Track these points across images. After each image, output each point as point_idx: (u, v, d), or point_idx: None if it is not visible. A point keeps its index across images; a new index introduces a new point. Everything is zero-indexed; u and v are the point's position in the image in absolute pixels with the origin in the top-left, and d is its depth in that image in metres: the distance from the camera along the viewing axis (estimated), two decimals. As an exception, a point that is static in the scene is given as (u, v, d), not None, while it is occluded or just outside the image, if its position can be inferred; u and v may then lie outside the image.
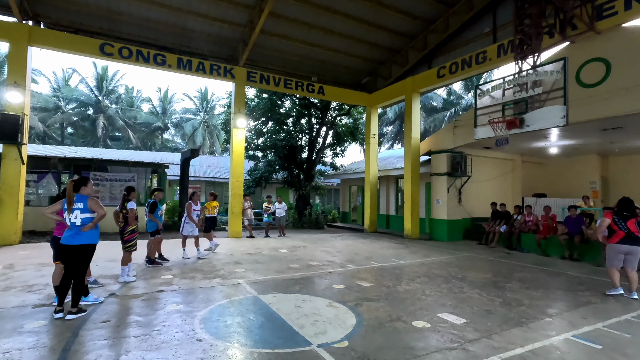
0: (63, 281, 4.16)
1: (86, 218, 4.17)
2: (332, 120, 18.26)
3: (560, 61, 6.23)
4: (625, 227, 5.34)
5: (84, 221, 4.14)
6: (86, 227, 4.13)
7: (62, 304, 4.12)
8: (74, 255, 4.09)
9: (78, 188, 4.25)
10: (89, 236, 4.18)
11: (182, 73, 11.60)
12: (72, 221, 4.12)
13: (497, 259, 8.72)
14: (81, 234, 4.11)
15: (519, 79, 6.75)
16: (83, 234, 4.12)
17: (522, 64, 7.10)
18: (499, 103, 7.13)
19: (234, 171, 12.15)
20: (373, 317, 4.26)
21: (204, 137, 38.99)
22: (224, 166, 24.30)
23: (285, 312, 4.37)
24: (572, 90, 7.25)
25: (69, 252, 4.10)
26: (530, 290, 5.69)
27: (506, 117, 6.84)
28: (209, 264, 7.30)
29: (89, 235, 4.17)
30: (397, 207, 16.35)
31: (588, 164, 14.20)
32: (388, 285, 5.85)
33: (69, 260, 4.13)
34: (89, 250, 4.20)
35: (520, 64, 7.08)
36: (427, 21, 12.19)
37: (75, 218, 4.12)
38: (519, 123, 6.62)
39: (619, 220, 5.41)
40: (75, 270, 4.10)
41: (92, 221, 4.18)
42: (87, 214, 4.18)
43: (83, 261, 4.17)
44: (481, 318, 4.33)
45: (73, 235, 4.10)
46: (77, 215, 4.12)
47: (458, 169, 12.04)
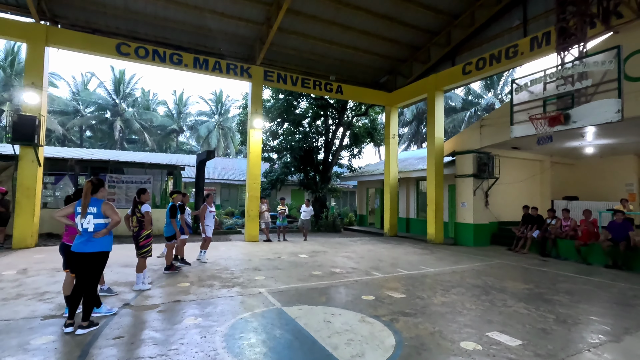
0: (74, 292, 3.82)
1: (99, 224, 3.83)
2: (349, 121, 17.80)
3: (612, 50, 5.63)
4: None
5: (97, 227, 3.81)
6: (99, 233, 3.80)
7: (72, 317, 3.78)
8: (85, 263, 3.76)
9: (97, 190, 3.92)
10: (102, 243, 3.84)
11: (199, 72, 11.35)
12: (85, 227, 3.78)
13: (534, 266, 8.09)
14: (93, 240, 3.78)
15: (562, 72, 6.16)
16: (96, 241, 3.79)
17: (564, 55, 6.50)
18: (539, 98, 6.55)
19: (250, 173, 11.82)
20: (414, 336, 3.78)
21: (219, 139, 39.05)
22: (239, 168, 24.12)
23: (314, 329, 3.93)
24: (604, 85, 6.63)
25: (81, 260, 3.77)
26: (583, 305, 5.10)
27: (549, 113, 6.25)
28: (227, 271, 6.92)
29: (102, 242, 3.83)
30: (417, 210, 15.75)
31: (624, 165, 13.33)
32: (422, 297, 5.34)
33: (80, 269, 3.79)
34: (102, 259, 3.86)
35: (563, 55, 6.48)
36: (451, 15, 11.63)
37: (88, 223, 3.78)
38: (564, 119, 6.03)
39: None
40: (87, 280, 3.76)
41: (105, 227, 3.85)
42: (100, 219, 3.85)
43: (96, 270, 3.82)
44: (538, 339, 3.79)
45: (85, 242, 3.77)
46: (90, 221, 3.79)
47: (485, 171, 11.41)
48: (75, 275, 3.88)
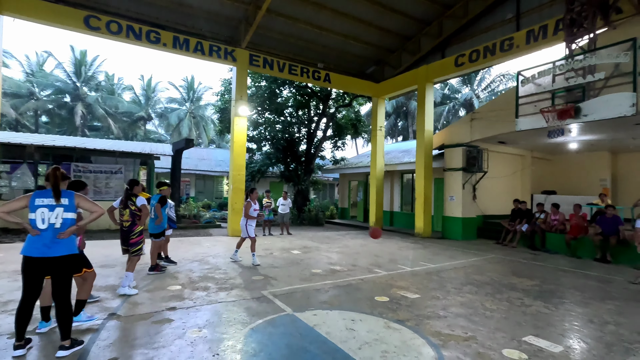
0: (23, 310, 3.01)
1: (69, 219, 3.12)
2: (332, 112, 17.33)
3: (627, 42, 5.53)
4: None
5: (65, 223, 3.08)
6: (67, 232, 3.07)
7: (22, 338, 3.02)
8: (55, 270, 3.05)
9: (64, 179, 3.23)
10: (70, 244, 3.14)
11: (178, 53, 10.41)
12: (52, 222, 3.03)
13: (529, 261, 8.10)
14: (60, 242, 3.04)
15: (573, 64, 6.02)
16: (63, 242, 3.06)
17: (573, 47, 6.38)
18: (547, 90, 6.40)
19: (235, 163, 11.09)
20: (451, 345, 3.43)
21: (190, 128, 37.33)
22: (214, 159, 23.08)
23: (340, 339, 3.49)
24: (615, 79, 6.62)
25: (45, 267, 3.01)
26: (598, 302, 5.00)
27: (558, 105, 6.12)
28: (219, 270, 6.32)
29: (69, 243, 3.13)
30: (401, 204, 15.66)
31: (599, 161, 13.84)
32: (437, 297, 5.05)
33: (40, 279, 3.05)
34: (72, 263, 3.16)
35: (573, 47, 6.36)
36: (445, 5, 11.40)
37: (56, 218, 3.05)
38: (575, 112, 5.91)
39: None
40: (62, 290, 3.07)
41: (75, 224, 3.15)
42: (71, 213, 3.13)
43: (68, 277, 3.14)
44: (579, 343, 3.58)
45: (49, 243, 3.01)
46: (59, 215, 3.06)
47: (474, 164, 11.40)
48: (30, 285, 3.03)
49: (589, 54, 5.96)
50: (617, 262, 7.95)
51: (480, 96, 26.05)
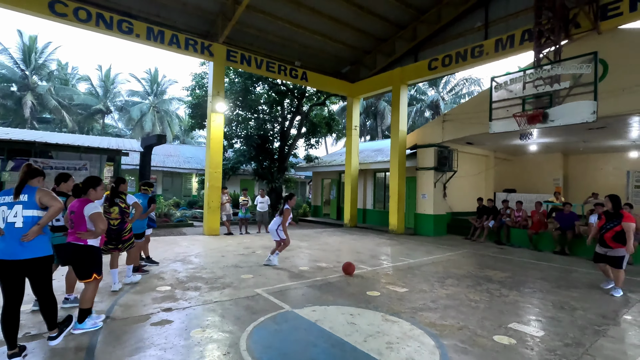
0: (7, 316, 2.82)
1: (31, 217, 2.89)
2: (307, 110, 17.38)
3: (589, 55, 6.11)
4: None
5: (27, 221, 2.87)
6: (30, 232, 2.84)
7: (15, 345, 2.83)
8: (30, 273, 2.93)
9: (34, 176, 3.04)
10: (39, 246, 2.92)
11: (153, 46, 9.99)
12: (10, 221, 2.84)
13: (498, 254, 8.69)
14: (25, 244, 2.85)
15: (542, 73, 6.55)
16: (30, 245, 2.87)
17: (541, 57, 6.93)
18: (518, 97, 6.91)
19: (211, 161, 10.84)
20: (447, 335, 3.67)
21: (154, 123, 35.69)
22: (182, 155, 22.33)
23: (343, 333, 3.61)
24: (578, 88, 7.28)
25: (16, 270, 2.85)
26: (565, 290, 5.51)
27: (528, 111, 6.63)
28: (205, 270, 6.21)
29: (38, 244, 2.92)
30: (374, 201, 16.07)
31: (552, 162, 15.06)
32: (424, 290, 5.32)
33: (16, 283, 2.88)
34: (44, 266, 2.99)
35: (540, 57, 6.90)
36: (419, 10, 11.83)
37: (15, 217, 2.84)
38: (543, 118, 6.44)
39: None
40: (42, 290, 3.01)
41: (38, 223, 2.89)
42: (33, 210, 2.91)
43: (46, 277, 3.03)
44: (554, 327, 3.95)
45: (14, 245, 2.82)
46: (18, 213, 2.84)
47: (445, 164, 11.98)
48: (6, 290, 2.86)
49: (555, 64, 6.51)
50: (573, 254, 8.74)
51: (445, 98, 27.23)
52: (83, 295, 3.49)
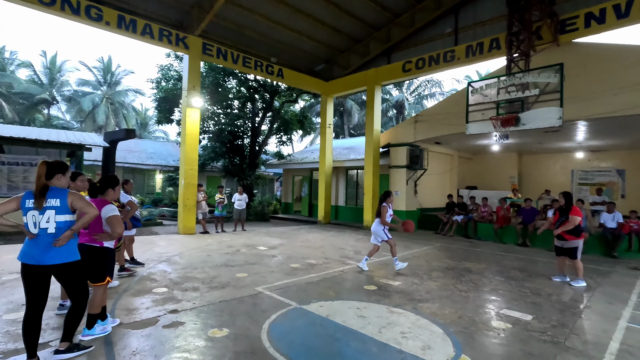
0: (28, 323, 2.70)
1: (64, 222, 2.77)
2: (279, 106, 17.29)
3: (556, 66, 6.77)
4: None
5: (60, 227, 2.75)
6: (63, 237, 2.73)
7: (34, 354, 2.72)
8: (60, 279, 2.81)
9: (52, 174, 2.82)
10: (69, 250, 2.81)
11: (124, 35, 9.43)
12: (43, 227, 2.72)
13: (469, 247, 9.32)
14: (56, 248, 2.73)
15: (514, 80, 7.14)
16: (60, 249, 2.74)
17: (512, 66, 7.54)
18: (492, 101, 7.47)
19: (187, 157, 10.48)
20: (451, 323, 3.96)
21: (108, 115, 33.50)
22: (145, 150, 21.24)
23: (358, 326, 3.77)
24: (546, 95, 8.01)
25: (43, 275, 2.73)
26: (536, 278, 6.10)
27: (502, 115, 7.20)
28: (197, 269, 6.07)
29: (70, 248, 2.81)
30: (346, 198, 16.40)
31: (509, 161, 16.32)
32: (416, 283, 5.64)
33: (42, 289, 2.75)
34: (76, 269, 2.86)
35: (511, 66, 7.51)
36: (394, 14, 12.23)
37: (47, 223, 2.72)
38: (515, 121, 7.03)
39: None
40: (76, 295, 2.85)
41: (71, 228, 2.78)
42: (66, 215, 2.78)
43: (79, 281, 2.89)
44: (540, 312, 4.40)
45: (44, 250, 2.70)
46: (50, 218, 2.73)
47: (417, 162, 12.55)
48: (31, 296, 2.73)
49: (525, 72, 7.12)
50: (534, 245, 9.61)
51: (408, 99, 28.33)
52: (92, 299, 3.32)
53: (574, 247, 5.84)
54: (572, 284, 5.74)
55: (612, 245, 8.41)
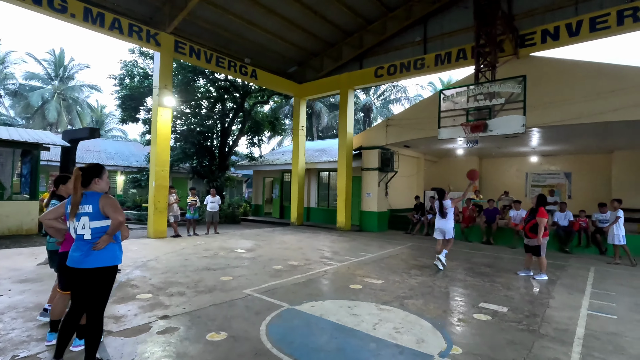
0: (68, 320, 2.74)
1: (99, 228, 2.71)
2: (250, 107, 17.11)
3: (519, 77, 7.36)
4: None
5: (95, 233, 2.69)
6: (100, 242, 2.67)
7: (61, 355, 2.74)
8: (88, 282, 2.69)
9: (89, 181, 2.77)
10: (109, 255, 2.74)
11: (91, 29, 8.92)
12: (80, 233, 2.68)
13: (439, 246, 9.80)
14: (95, 252, 2.68)
15: (482, 89, 7.67)
16: (99, 253, 2.69)
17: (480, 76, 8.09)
18: (462, 108, 7.96)
19: (158, 158, 10.10)
20: (437, 317, 4.21)
21: (60, 112, 31.25)
22: (104, 150, 20.09)
23: (353, 324, 3.90)
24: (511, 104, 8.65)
25: (80, 278, 2.68)
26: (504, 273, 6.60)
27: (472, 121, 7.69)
28: (177, 274, 5.91)
29: (108, 253, 2.73)
30: (318, 200, 16.55)
31: (470, 164, 17.18)
32: (397, 281, 5.88)
33: (80, 290, 2.71)
34: (109, 276, 2.77)
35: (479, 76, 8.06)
36: (367, 20, 12.58)
37: (83, 228, 2.68)
38: (484, 128, 7.54)
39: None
40: (92, 304, 2.71)
41: (107, 232, 2.73)
42: (100, 221, 2.72)
43: (104, 291, 2.77)
44: (512, 303, 4.79)
45: (84, 254, 2.66)
46: (85, 225, 2.67)
47: (388, 165, 12.98)
48: (73, 297, 2.77)
49: (493, 82, 7.68)
50: (496, 243, 10.31)
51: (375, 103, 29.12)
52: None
53: (538, 245, 6.38)
54: (535, 278, 6.27)
55: (565, 242, 9.25)
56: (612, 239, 7.70)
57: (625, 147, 12.91)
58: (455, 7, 11.25)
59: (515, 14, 10.14)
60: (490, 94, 7.55)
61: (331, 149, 17.38)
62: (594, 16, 8.65)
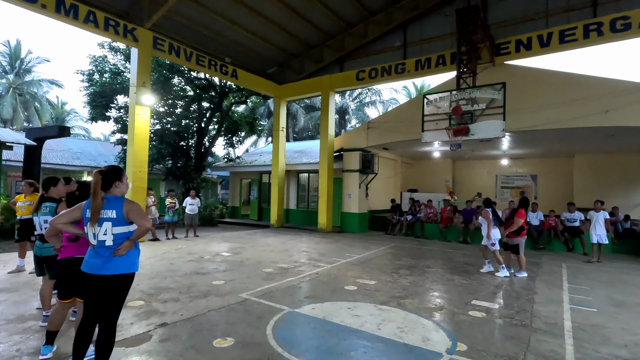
0: (82, 331, 2.58)
1: (122, 234, 2.59)
2: (227, 107, 16.77)
3: (499, 84, 7.74)
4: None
5: (117, 239, 2.57)
6: (122, 248, 2.57)
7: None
8: (105, 290, 2.55)
9: (110, 184, 2.63)
10: (128, 262, 2.62)
11: (64, 21, 8.41)
12: (101, 239, 2.55)
13: (421, 247, 10.08)
14: (115, 259, 2.56)
15: (464, 94, 7.99)
16: (119, 260, 2.57)
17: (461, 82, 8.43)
18: (445, 112, 8.25)
19: (136, 159, 9.67)
20: (435, 315, 4.34)
21: (15, 108, 29.18)
22: (68, 149, 18.95)
23: (357, 325, 3.94)
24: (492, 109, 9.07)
25: (98, 285, 2.54)
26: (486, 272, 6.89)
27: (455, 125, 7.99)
28: (165, 279, 5.70)
29: (127, 260, 2.62)
30: (297, 202, 16.50)
31: (444, 166, 17.93)
32: (389, 281, 5.99)
33: (97, 298, 2.56)
34: (127, 283, 2.65)
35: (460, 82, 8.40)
36: (348, 24, 12.72)
37: (105, 234, 2.55)
38: (466, 132, 7.86)
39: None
40: (108, 312, 2.57)
41: (129, 239, 2.62)
42: (123, 227, 2.59)
43: (120, 299, 2.63)
44: (502, 300, 5.03)
45: (105, 260, 2.54)
46: (107, 230, 2.55)
47: (369, 167, 13.18)
48: (87, 305, 2.60)
49: (474, 88, 8.02)
50: (473, 242, 10.73)
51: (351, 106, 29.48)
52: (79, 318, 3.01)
53: (517, 244, 6.74)
54: (516, 275, 6.60)
55: (537, 240, 9.81)
56: (597, 238, 7.93)
57: (586, 151, 13.89)
58: (434, 14, 11.63)
59: (489, 24, 10.65)
60: (471, 99, 7.88)
61: (310, 150, 17.40)
62: (563, 29, 9.25)
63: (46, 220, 3.65)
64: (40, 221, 3.67)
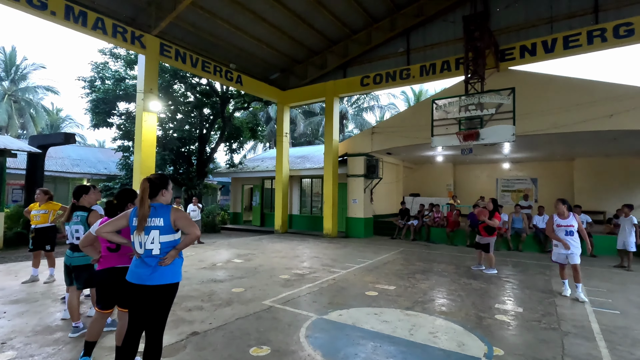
0: (128, 342, 2.56)
1: (169, 242, 2.56)
2: (230, 113, 16.75)
3: (508, 89, 7.83)
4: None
5: (164, 248, 2.54)
6: (168, 257, 2.53)
7: None
8: (152, 300, 2.51)
9: (157, 191, 2.61)
10: (174, 271, 2.59)
11: (73, 28, 8.37)
12: (148, 248, 2.52)
13: (430, 250, 10.10)
14: (161, 269, 2.53)
15: (473, 99, 8.07)
16: (165, 269, 2.53)
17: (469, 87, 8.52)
18: (454, 117, 8.32)
19: (143, 166, 9.60)
20: (462, 320, 4.34)
21: (11, 115, 28.85)
22: (68, 157, 18.75)
23: (389, 330, 3.93)
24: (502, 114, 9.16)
25: (145, 295, 2.51)
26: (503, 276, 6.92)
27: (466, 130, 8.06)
28: (183, 286, 5.63)
29: (173, 269, 2.59)
30: (300, 207, 16.46)
31: (445, 170, 18.06)
32: (408, 286, 5.99)
33: (144, 309, 2.52)
34: (172, 293, 2.62)
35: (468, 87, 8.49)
36: (352, 30, 12.82)
37: (152, 243, 2.52)
38: (476, 136, 7.93)
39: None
40: (157, 323, 2.54)
41: (175, 247, 2.59)
42: (170, 235, 2.56)
43: (166, 309, 2.60)
44: (525, 304, 5.05)
45: (152, 270, 2.51)
46: (155, 239, 2.52)
47: (373, 172, 13.22)
48: (132, 316, 2.57)
49: (483, 93, 8.11)
50: (480, 246, 10.78)
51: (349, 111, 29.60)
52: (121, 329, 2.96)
53: (487, 243, 7.20)
54: (485, 272, 6.99)
55: (545, 243, 9.88)
56: (624, 244, 7.53)
57: (586, 155, 14.09)
58: (438, 20, 11.77)
59: (493, 30, 10.81)
60: (480, 104, 7.96)
61: (313, 155, 17.42)
62: (567, 35, 9.42)
63: (77, 229, 3.61)
64: (72, 230, 3.62)
